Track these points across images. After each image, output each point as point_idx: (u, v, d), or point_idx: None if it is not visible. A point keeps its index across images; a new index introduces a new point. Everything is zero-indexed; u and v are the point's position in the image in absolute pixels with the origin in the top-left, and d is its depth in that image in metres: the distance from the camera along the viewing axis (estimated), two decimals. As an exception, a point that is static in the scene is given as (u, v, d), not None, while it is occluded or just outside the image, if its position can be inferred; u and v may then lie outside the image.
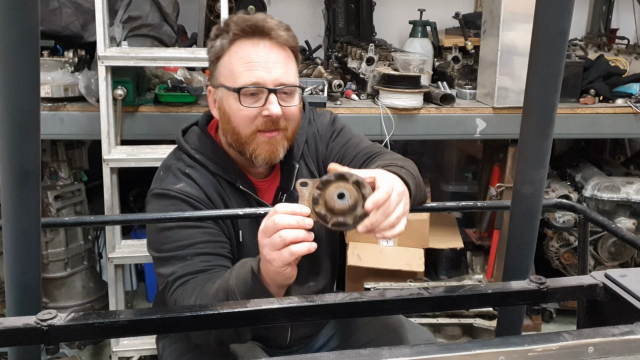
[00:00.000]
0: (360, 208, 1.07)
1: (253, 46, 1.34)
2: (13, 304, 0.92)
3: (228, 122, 1.37)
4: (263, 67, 1.33)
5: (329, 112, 1.63)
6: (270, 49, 1.35)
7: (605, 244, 2.81)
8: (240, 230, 1.43)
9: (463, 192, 3.57)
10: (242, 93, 1.33)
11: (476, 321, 2.69)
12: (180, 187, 1.37)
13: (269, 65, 1.34)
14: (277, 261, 1.08)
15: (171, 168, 1.43)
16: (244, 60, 1.34)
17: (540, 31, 0.95)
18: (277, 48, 1.35)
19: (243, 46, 1.34)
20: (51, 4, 2.35)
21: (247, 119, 1.34)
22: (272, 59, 1.34)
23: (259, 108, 1.34)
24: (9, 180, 0.83)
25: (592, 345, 0.72)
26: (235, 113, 1.35)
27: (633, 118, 2.68)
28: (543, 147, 1.03)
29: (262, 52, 1.34)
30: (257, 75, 1.32)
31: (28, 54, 0.77)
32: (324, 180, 1.09)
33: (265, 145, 1.36)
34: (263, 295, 1.13)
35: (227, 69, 1.36)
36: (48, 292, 2.65)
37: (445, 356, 0.70)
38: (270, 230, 1.08)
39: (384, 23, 3.48)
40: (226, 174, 1.43)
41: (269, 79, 1.33)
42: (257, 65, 1.33)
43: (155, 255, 1.36)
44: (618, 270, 0.92)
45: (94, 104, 2.28)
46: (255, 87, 1.32)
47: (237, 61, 1.34)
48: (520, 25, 2.46)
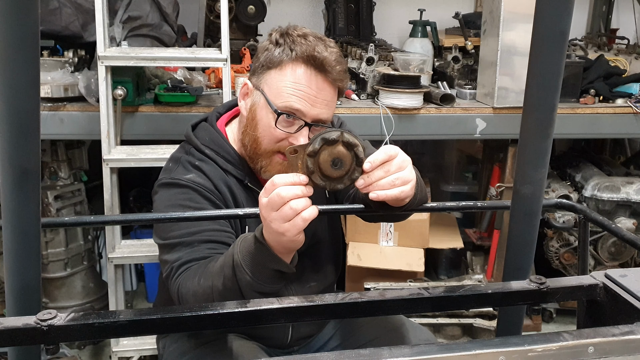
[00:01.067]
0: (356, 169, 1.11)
1: (309, 76, 1.34)
2: (13, 304, 0.92)
3: (254, 129, 1.38)
4: (310, 100, 1.34)
5: (336, 117, 1.63)
6: (323, 86, 1.35)
7: (605, 244, 2.81)
8: (247, 226, 1.44)
9: (463, 192, 3.57)
10: (281, 116, 1.33)
11: (476, 321, 2.69)
12: (191, 177, 1.38)
13: (316, 100, 1.34)
14: (291, 231, 1.10)
15: (181, 160, 1.44)
16: (297, 86, 1.34)
17: (540, 31, 0.95)
18: (328, 86, 1.36)
19: (299, 72, 1.34)
20: (51, 4, 2.35)
21: (274, 139, 1.36)
22: (321, 96, 1.35)
23: (289, 135, 1.35)
24: (9, 180, 0.83)
25: (592, 345, 0.72)
26: (265, 127, 1.36)
27: (633, 118, 2.68)
28: (543, 147, 1.03)
29: (315, 86, 1.34)
30: (301, 105, 1.33)
31: (28, 54, 0.77)
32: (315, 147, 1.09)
33: (277, 166, 1.38)
34: (274, 263, 1.15)
35: (276, 84, 1.35)
36: (48, 292, 2.65)
37: (445, 356, 0.70)
38: (277, 204, 1.09)
39: (384, 23, 3.48)
40: (235, 170, 1.44)
41: (309, 113, 1.34)
42: (305, 97, 1.33)
43: (161, 242, 1.37)
44: (618, 270, 0.92)
45: (94, 104, 2.28)
46: (295, 113, 1.34)
47: (289, 82, 1.34)
48: (520, 25, 2.46)
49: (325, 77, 1.34)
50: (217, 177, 1.41)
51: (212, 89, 2.60)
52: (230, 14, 2.65)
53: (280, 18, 3.38)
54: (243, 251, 1.17)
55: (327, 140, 1.09)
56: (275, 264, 1.15)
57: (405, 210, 1.29)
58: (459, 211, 3.25)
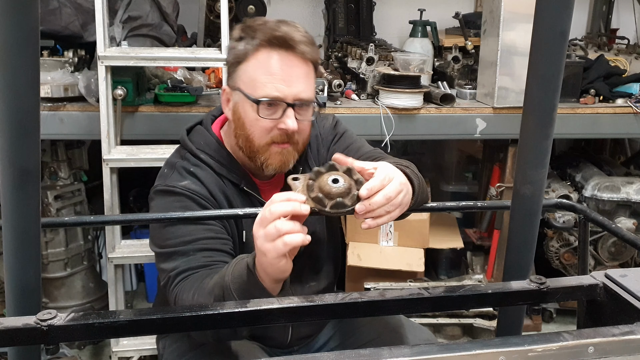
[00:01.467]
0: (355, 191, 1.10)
1: (277, 58, 1.32)
2: (13, 304, 0.92)
3: (242, 128, 1.37)
4: (285, 81, 1.32)
5: (331, 116, 1.63)
6: (294, 63, 1.33)
7: (605, 244, 2.81)
8: (244, 231, 1.43)
9: (463, 192, 3.57)
10: (261, 104, 1.32)
11: (476, 321, 2.69)
12: (186, 185, 1.38)
13: (291, 79, 1.33)
14: (271, 252, 1.07)
15: (176, 166, 1.43)
16: (268, 71, 1.32)
17: (540, 31, 0.95)
18: (300, 63, 1.34)
19: (268, 56, 1.33)
20: (51, 4, 2.35)
21: (263, 130, 1.35)
22: (294, 73, 1.33)
23: (276, 120, 1.34)
24: (9, 180, 0.83)
25: (592, 345, 0.72)
26: (251, 122, 1.35)
27: (633, 118, 2.68)
28: (543, 147, 1.03)
29: (286, 65, 1.33)
30: (278, 88, 1.32)
31: (28, 54, 0.77)
32: (315, 171, 1.11)
33: (277, 156, 1.37)
34: (258, 292, 1.12)
35: (248, 76, 1.35)
36: (48, 292, 2.65)
37: (445, 356, 0.70)
38: (266, 221, 1.08)
39: (384, 23, 3.48)
40: (230, 174, 1.43)
41: (289, 94, 1.32)
42: (279, 79, 1.32)
43: (158, 250, 1.37)
44: (618, 270, 0.92)
45: (93, 104, 2.28)
46: (274, 100, 1.32)
47: (260, 70, 1.33)
48: (520, 25, 2.46)
49: (294, 54, 1.33)
50: (212, 183, 1.41)
51: (212, 89, 2.60)
52: (230, 14, 2.65)
53: (280, 18, 3.37)
54: (235, 273, 1.17)
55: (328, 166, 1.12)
56: (259, 292, 1.12)
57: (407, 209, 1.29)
58: (459, 211, 3.25)
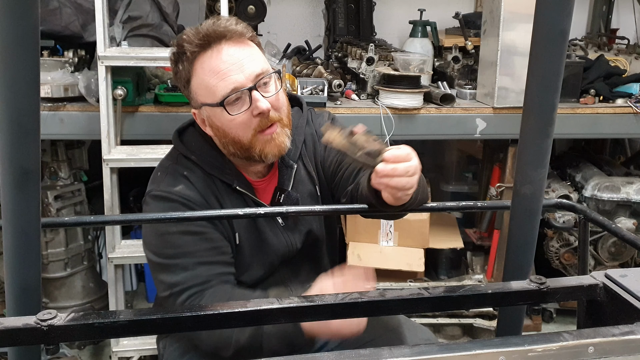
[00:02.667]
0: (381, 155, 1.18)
1: (214, 54, 1.31)
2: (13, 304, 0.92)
3: (225, 135, 1.37)
4: (234, 70, 1.31)
5: (327, 113, 1.63)
6: (231, 49, 1.32)
7: (605, 244, 2.81)
8: (237, 232, 1.43)
9: (463, 192, 3.56)
10: (226, 103, 1.31)
11: (476, 321, 2.69)
12: (179, 190, 1.37)
13: (236, 65, 1.31)
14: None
15: (169, 169, 1.43)
16: (213, 72, 1.31)
17: (540, 31, 0.95)
18: (237, 45, 1.33)
19: (205, 59, 1.32)
20: (51, 4, 2.35)
21: (242, 125, 1.34)
22: (237, 57, 1.32)
23: (248, 110, 1.33)
24: (9, 180, 0.83)
25: (592, 345, 0.72)
26: (228, 124, 1.34)
27: (633, 118, 2.68)
28: (543, 147, 1.03)
29: (226, 55, 1.31)
30: (231, 80, 1.31)
31: (28, 54, 0.77)
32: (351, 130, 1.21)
33: (270, 143, 1.36)
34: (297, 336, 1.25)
35: (202, 88, 1.34)
36: (48, 292, 2.65)
37: (445, 356, 0.70)
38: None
39: (384, 23, 3.48)
40: (222, 174, 1.42)
41: (244, 79, 1.31)
42: (227, 71, 1.31)
43: (155, 259, 1.37)
44: (618, 270, 0.92)
45: (94, 104, 2.28)
46: (235, 92, 1.31)
47: (207, 76, 1.32)
48: (520, 25, 2.46)
49: (225, 42, 1.31)
50: (204, 187, 1.40)
51: (212, 89, 2.60)
52: (230, 14, 2.65)
53: (280, 18, 3.38)
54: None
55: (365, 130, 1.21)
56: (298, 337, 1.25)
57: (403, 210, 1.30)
58: (459, 211, 3.25)
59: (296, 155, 1.50)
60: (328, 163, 1.52)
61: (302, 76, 2.70)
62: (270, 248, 1.47)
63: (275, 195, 1.48)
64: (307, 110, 1.57)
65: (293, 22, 3.45)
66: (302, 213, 1.38)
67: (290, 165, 1.49)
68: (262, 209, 1.36)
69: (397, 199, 1.22)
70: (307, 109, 1.58)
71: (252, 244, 1.45)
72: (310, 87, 2.54)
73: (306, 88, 2.52)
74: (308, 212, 1.39)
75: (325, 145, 1.54)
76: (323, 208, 1.38)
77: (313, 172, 1.52)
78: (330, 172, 1.52)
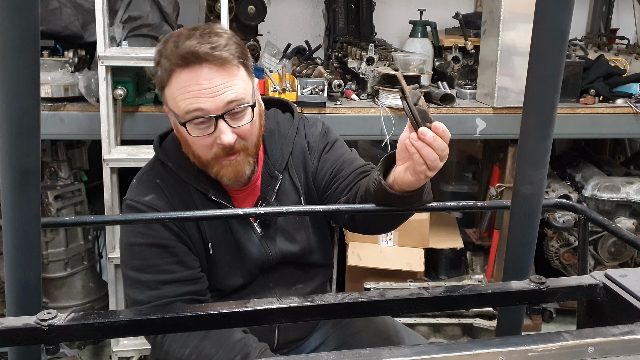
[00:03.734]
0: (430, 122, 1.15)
1: (190, 75, 1.25)
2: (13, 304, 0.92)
3: (187, 145, 1.35)
4: (204, 95, 1.25)
5: (320, 122, 1.56)
6: (208, 75, 1.25)
7: (605, 244, 2.82)
8: (210, 242, 1.41)
9: (463, 192, 3.57)
10: (188, 124, 1.27)
11: (476, 321, 2.69)
12: (149, 200, 1.37)
13: (210, 91, 1.25)
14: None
15: (143, 177, 1.42)
16: (184, 90, 1.26)
17: (540, 31, 0.95)
18: (216, 70, 1.25)
19: (180, 77, 1.26)
20: (51, 4, 2.35)
21: (204, 147, 1.31)
22: (213, 83, 1.25)
23: (211, 136, 1.28)
24: (9, 180, 0.83)
25: (592, 345, 0.72)
26: (190, 142, 1.32)
27: (633, 118, 2.68)
28: (543, 147, 1.03)
29: (202, 79, 1.25)
30: (199, 104, 1.25)
31: (28, 54, 0.77)
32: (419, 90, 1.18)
33: (228, 167, 1.33)
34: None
35: (172, 99, 1.30)
36: (48, 292, 2.65)
37: (445, 356, 0.70)
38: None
39: (384, 23, 3.48)
40: (197, 183, 1.40)
41: (212, 106, 1.25)
42: (198, 94, 1.25)
43: (124, 270, 1.39)
44: (618, 270, 0.92)
45: (94, 104, 2.28)
46: (199, 117, 1.26)
47: (177, 91, 1.27)
48: (520, 25, 2.46)
49: (208, 65, 1.24)
50: (176, 198, 1.39)
51: (212, 89, 2.60)
52: (230, 14, 2.65)
53: (280, 18, 3.38)
54: None
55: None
56: None
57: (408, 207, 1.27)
58: (459, 211, 3.25)
59: (282, 165, 1.46)
60: (322, 174, 1.48)
61: (302, 76, 2.70)
62: (247, 257, 1.44)
63: (257, 204, 1.45)
64: (298, 119, 1.52)
65: (293, 22, 3.45)
66: (302, 213, 1.38)
67: (275, 175, 1.45)
68: (262, 209, 1.36)
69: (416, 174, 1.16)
70: (299, 118, 1.53)
71: (227, 253, 1.43)
72: (310, 87, 2.54)
73: (306, 88, 2.52)
74: (307, 212, 1.39)
75: (319, 155, 1.50)
76: (323, 208, 1.37)
77: (299, 184, 1.48)
78: (323, 183, 1.48)
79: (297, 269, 1.51)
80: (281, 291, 1.48)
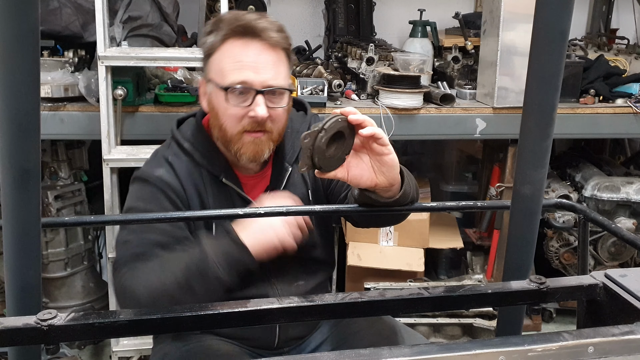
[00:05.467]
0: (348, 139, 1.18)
1: (243, 46, 1.34)
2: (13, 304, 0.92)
3: (216, 117, 1.39)
4: (252, 68, 1.33)
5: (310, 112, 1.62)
6: (260, 50, 1.34)
7: (605, 244, 2.82)
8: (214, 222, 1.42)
9: (463, 192, 3.57)
10: (229, 92, 1.33)
11: (476, 321, 2.69)
12: (159, 175, 1.39)
13: (258, 66, 1.33)
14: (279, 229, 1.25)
15: (158, 153, 1.46)
16: (234, 59, 1.34)
17: (540, 31, 0.95)
18: (267, 49, 1.34)
19: (233, 46, 1.34)
20: (51, 4, 2.35)
21: (234, 118, 1.35)
22: (261, 60, 1.34)
23: (246, 108, 1.34)
24: (9, 180, 0.83)
25: (592, 345, 0.72)
26: (223, 111, 1.36)
27: (633, 118, 2.68)
28: (543, 147, 1.03)
29: (252, 53, 1.34)
30: (245, 75, 1.33)
31: (28, 54, 0.77)
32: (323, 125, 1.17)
33: (250, 145, 1.37)
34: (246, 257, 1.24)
35: (217, 66, 1.36)
36: (48, 292, 2.65)
37: (445, 356, 0.70)
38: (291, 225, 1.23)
39: (384, 23, 3.48)
40: (211, 165, 1.43)
41: (256, 80, 1.33)
42: (246, 66, 1.33)
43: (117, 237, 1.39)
44: (618, 270, 0.92)
45: (94, 104, 2.28)
46: (242, 86, 1.33)
47: (226, 60, 1.34)
48: (520, 25, 2.46)
49: (260, 41, 1.33)
50: (185, 175, 1.41)
51: (212, 89, 2.59)
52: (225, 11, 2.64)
53: (280, 18, 3.34)
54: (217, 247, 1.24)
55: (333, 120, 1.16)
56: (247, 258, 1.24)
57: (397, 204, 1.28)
58: (459, 211, 3.25)
59: (292, 158, 1.50)
60: None
61: (302, 76, 2.70)
62: None
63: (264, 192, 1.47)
64: (310, 116, 1.58)
65: (293, 22, 3.45)
66: (301, 213, 1.38)
67: (284, 167, 1.49)
68: (262, 209, 1.35)
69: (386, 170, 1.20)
70: (311, 115, 1.59)
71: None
72: (310, 87, 2.54)
73: (306, 88, 2.52)
74: (307, 212, 1.39)
75: None
76: (323, 208, 1.38)
77: (307, 177, 1.52)
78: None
79: (298, 264, 1.52)
80: (282, 287, 1.48)
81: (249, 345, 1.51)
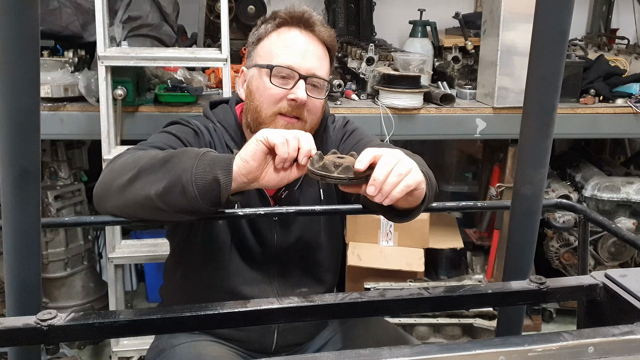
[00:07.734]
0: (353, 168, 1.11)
1: (295, 34, 1.40)
2: (13, 304, 0.92)
3: (252, 99, 1.41)
4: (300, 55, 1.38)
5: (342, 117, 1.64)
6: (310, 40, 1.41)
7: (605, 244, 2.82)
8: None
9: (463, 192, 3.57)
10: (273, 72, 1.37)
11: (476, 321, 2.69)
12: (196, 123, 1.44)
13: (306, 54, 1.39)
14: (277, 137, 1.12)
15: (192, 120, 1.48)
16: (284, 44, 1.39)
17: (540, 31, 0.95)
18: (316, 42, 1.41)
19: (286, 32, 1.41)
20: (51, 4, 2.35)
21: (272, 99, 1.38)
22: (310, 49, 1.40)
23: (286, 90, 1.37)
24: (9, 180, 0.83)
25: (592, 345, 0.72)
26: (262, 91, 1.38)
27: (633, 118, 2.68)
28: (543, 147, 1.03)
29: (302, 41, 1.40)
30: (292, 59, 1.37)
31: (28, 54, 0.77)
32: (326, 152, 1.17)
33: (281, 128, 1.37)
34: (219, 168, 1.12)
35: (266, 50, 1.41)
36: (48, 292, 2.65)
37: (445, 356, 0.70)
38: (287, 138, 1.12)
39: (384, 23, 3.48)
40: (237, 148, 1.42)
41: (302, 66, 1.38)
42: (294, 51, 1.38)
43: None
44: (618, 270, 0.92)
45: (94, 104, 2.28)
46: (288, 69, 1.37)
47: (277, 44, 1.40)
48: (520, 25, 2.46)
49: (311, 32, 1.41)
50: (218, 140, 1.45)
51: (212, 89, 2.60)
52: (230, 14, 2.65)
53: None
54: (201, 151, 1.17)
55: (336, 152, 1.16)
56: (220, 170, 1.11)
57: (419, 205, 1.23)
58: (459, 211, 3.25)
59: None
60: None
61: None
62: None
63: (279, 189, 1.46)
64: (327, 118, 1.57)
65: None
66: (302, 213, 1.38)
67: None
68: (262, 209, 1.36)
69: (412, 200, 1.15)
70: (327, 115, 1.58)
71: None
72: (310, 87, 2.54)
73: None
74: (307, 212, 1.39)
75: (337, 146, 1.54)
76: (323, 208, 1.37)
77: None
78: None
79: (302, 269, 1.51)
80: (284, 292, 1.47)
81: (246, 348, 1.51)
